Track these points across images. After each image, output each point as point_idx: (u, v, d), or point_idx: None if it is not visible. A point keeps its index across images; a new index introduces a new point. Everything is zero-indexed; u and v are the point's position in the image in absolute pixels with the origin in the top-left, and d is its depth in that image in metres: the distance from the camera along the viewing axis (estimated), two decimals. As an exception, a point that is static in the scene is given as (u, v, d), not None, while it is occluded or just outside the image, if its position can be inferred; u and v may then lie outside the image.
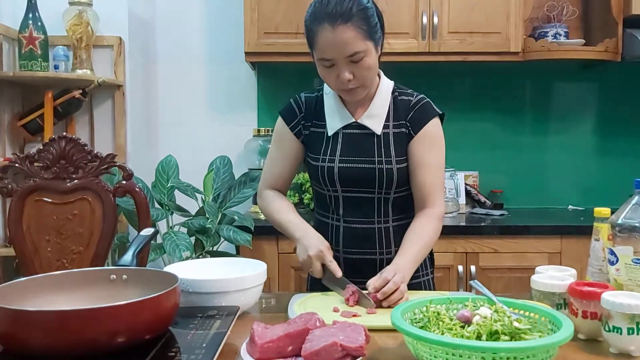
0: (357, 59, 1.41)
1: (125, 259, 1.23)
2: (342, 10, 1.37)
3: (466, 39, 2.66)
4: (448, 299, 1.11)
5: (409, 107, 1.54)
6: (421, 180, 1.53)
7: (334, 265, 1.41)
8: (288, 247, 2.42)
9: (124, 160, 2.63)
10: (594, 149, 3.08)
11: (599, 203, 1.63)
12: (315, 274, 1.43)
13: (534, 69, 2.97)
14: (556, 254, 2.46)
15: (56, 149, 1.78)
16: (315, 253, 1.41)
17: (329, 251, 1.44)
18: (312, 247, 1.42)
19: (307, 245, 1.44)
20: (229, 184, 2.68)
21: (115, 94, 2.65)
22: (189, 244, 2.40)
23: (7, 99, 2.51)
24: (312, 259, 1.41)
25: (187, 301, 1.18)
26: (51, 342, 0.89)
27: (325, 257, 1.42)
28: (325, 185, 1.56)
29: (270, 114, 3.02)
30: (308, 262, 1.43)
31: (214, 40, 3.04)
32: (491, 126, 3.05)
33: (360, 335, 0.96)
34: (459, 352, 0.88)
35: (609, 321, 1.05)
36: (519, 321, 0.98)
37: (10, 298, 1.02)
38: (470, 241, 2.46)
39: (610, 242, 1.22)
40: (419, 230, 1.50)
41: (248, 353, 0.97)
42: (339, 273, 1.40)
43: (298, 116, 1.59)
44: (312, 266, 1.42)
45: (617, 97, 3.06)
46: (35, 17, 2.43)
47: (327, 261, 1.41)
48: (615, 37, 2.70)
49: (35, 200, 1.79)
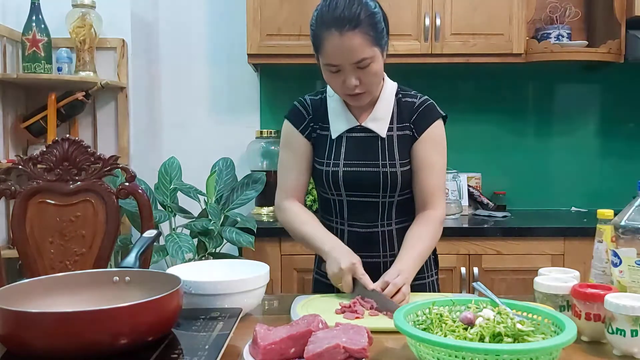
0: (364, 65, 1.40)
1: (128, 261, 1.23)
2: (350, 15, 1.35)
3: (469, 41, 2.66)
4: (451, 300, 1.11)
5: (413, 109, 1.54)
6: (423, 182, 1.52)
7: (365, 279, 1.36)
8: (291, 248, 2.42)
9: (127, 162, 2.63)
10: (597, 151, 3.07)
11: (602, 205, 1.62)
12: (345, 289, 1.38)
13: (536, 71, 2.96)
14: (559, 256, 2.45)
15: (59, 151, 1.78)
16: (347, 266, 1.37)
17: (360, 264, 1.40)
18: (344, 261, 1.38)
19: (338, 258, 1.39)
20: (232, 186, 2.68)
21: (119, 95, 2.66)
22: (192, 245, 2.40)
23: (10, 101, 2.52)
24: (343, 272, 1.37)
25: (189, 303, 1.18)
26: (54, 344, 0.89)
27: (357, 270, 1.37)
28: (329, 190, 1.56)
29: (273, 116, 3.02)
30: (339, 275, 1.38)
31: (217, 42, 3.04)
32: (494, 128, 3.05)
33: (363, 337, 0.96)
34: (462, 354, 0.88)
35: (613, 323, 1.04)
36: (522, 323, 0.98)
37: (14, 300, 1.02)
38: (473, 243, 2.46)
39: (613, 243, 1.22)
40: (419, 233, 1.50)
41: (251, 355, 0.97)
42: (371, 285, 1.35)
43: (307, 118, 1.57)
44: (343, 279, 1.37)
45: (620, 98, 3.05)
46: (38, 19, 2.44)
47: (359, 274, 1.37)
48: (618, 38, 2.69)
49: (39, 202, 1.79)
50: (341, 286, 1.39)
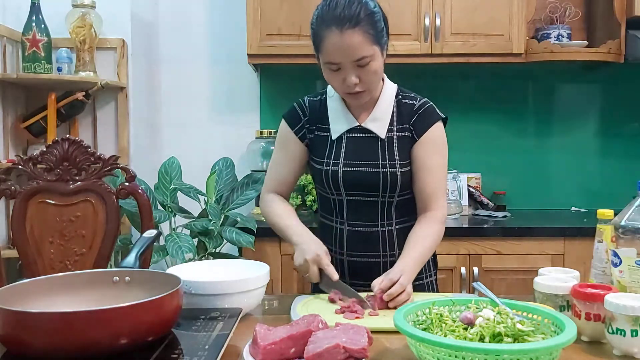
0: (363, 63, 1.40)
1: (128, 261, 1.23)
2: (350, 14, 1.37)
3: (469, 41, 2.66)
4: (451, 300, 1.11)
5: (413, 111, 1.54)
6: (423, 184, 1.53)
7: (330, 269, 1.40)
8: (290, 249, 2.39)
9: (127, 162, 2.63)
10: (597, 151, 3.07)
11: (602, 205, 1.62)
12: (312, 279, 1.42)
13: (536, 71, 2.96)
14: (559, 256, 2.45)
15: (59, 151, 1.78)
16: (312, 257, 1.40)
17: (327, 255, 1.43)
18: (309, 252, 1.41)
19: (304, 249, 1.43)
20: (232, 186, 2.68)
21: (118, 95, 2.66)
22: (192, 245, 2.40)
23: (10, 101, 2.52)
24: (308, 263, 1.40)
25: (189, 303, 1.18)
26: (54, 344, 0.89)
27: (322, 261, 1.40)
28: (329, 189, 1.56)
29: (273, 116, 3.02)
30: (305, 266, 1.41)
31: (217, 42, 3.04)
32: (494, 128, 3.05)
33: (362, 337, 0.96)
34: (462, 354, 0.88)
35: (613, 323, 1.04)
36: (522, 323, 0.98)
37: (14, 300, 1.02)
38: (473, 243, 2.46)
39: (613, 243, 1.22)
40: (421, 233, 1.50)
41: (251, 355, 0.97)
42: (335, 276, 1.39)
43: (302, 120, 1.59)
44: (309, 270, 1.40)
45: (620, 98, 3.05)
46: (38, 19, 2.44)
47: (323, 265, 1.40)
48: (618, 38, 2.70)
49: (39, 202, 1.79)
50: (308, 276, 1.42)
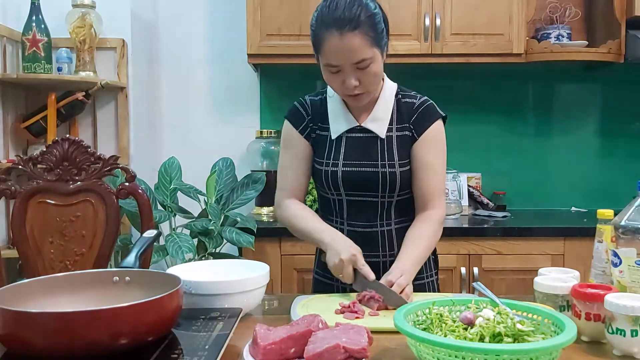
0: (363, 65, 1.40)
1: (128, 261, 1.23)
2: (351, 16, 1.36)
3: (469, 41, 2.66)
4: (451, 300, 1.11)
5: (413, 110, 1.54)
6: (423, 183, 1.52)
7: (366, 269, 1.37)
8: (291, 248, 2.43)
9: (127, 162, 2.63)
10: (597, 151, 3.07)
11: (602, 205, 1.62)
12: (346, 279, 1.38)
13: (536, 71, 2.96)
14: (559, 256, 2.45)
15: (59, 151, 1.78)
16: (347, 257, 1.36)
17: (361, 255, 1.40)
18: (344, 251, 1.38)
19: (339, 249, 1.39)
20: (232, 186, 2.68)
21: (118, 96, 2.66)
22: (192, 245, 2.40)
23: (10, 101, 2.52)
24: (344, 263, 1.36)
25: (189, 303, 1.18)
26: (54, 344, 0.89)
27: (358, 261, 1.37)
28: (329, 189, 1.56)
29: (273, 116, 3.02)
30: (339, 266, 1.37)
31: (217, 42, 3.04)
32: (494, 128, 3.05)
33: (363, 337, 0.96)
34: (462, 354, 0.88)
35: (613, 323, 1.04)
36: (522, 323, 0.98)
37: (14, 300, 1.02)
38: (473, 243, 2.46)
39: (613, 243, 1.22)
40: (419, 233, 1.50)
41: (251, 355, 0.97)
42: (372, 276, 1.35)
43: (306, 119, 1.58)
44: (344, 270, 1.37)
45: (620, 98, 3.05)
46: (38, 19, 2.44)
47: (359, 265, 1.37)
48: (618, 38, 2.70)
49: (39, 202, 1.79)
50: (342, 277, 1.39)
